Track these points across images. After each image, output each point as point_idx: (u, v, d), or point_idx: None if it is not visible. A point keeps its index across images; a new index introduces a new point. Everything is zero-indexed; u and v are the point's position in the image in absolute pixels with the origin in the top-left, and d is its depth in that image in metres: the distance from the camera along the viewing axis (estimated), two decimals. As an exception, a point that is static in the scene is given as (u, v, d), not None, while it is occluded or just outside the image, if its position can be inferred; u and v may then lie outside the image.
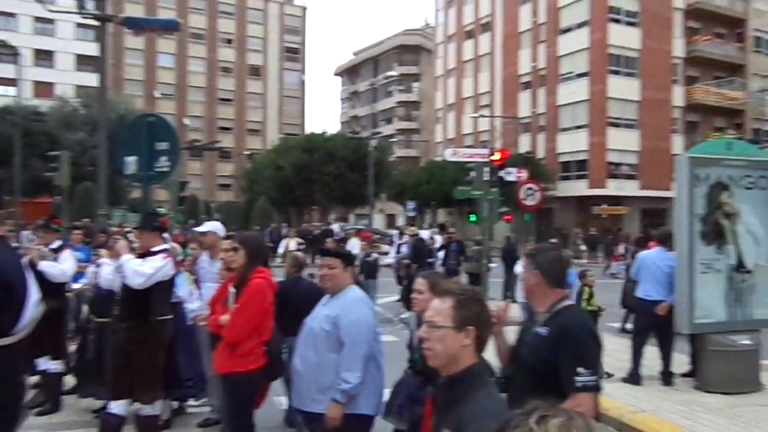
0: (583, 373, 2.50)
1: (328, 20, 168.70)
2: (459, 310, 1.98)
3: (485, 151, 15.54)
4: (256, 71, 62.70)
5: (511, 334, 2.92)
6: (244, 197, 46.95)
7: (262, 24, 62.95)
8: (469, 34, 48.44)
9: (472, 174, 13.12)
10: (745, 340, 6.84)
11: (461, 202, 19.50)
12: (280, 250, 16.03)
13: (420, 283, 3.27)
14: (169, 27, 12.38)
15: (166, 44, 56.67)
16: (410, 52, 64.61)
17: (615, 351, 7.61)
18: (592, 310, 7.64)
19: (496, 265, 15.24)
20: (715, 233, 6.88)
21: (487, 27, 46.42)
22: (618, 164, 37.67)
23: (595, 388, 2.56)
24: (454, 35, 50.29)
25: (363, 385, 3.40)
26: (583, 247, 31.04)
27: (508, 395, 2.52)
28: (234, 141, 59.75)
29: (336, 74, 77.26)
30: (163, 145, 6.57)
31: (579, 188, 37.76)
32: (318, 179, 38.52)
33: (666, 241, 7.34)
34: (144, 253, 4.86)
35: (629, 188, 37.17)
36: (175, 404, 5.79)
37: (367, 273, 12.74)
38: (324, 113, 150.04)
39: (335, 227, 30.79)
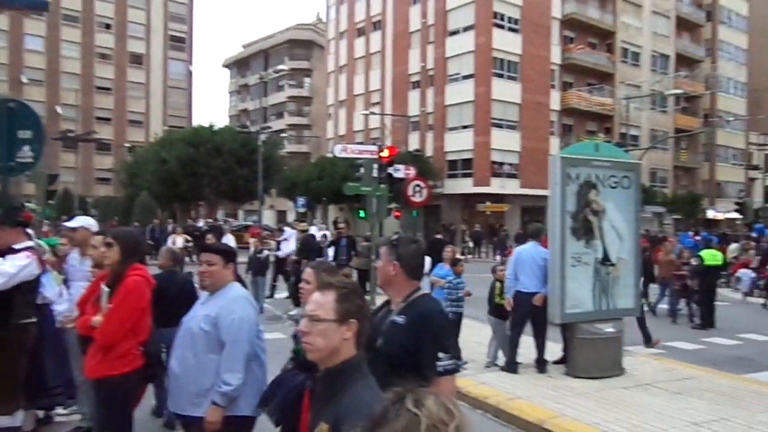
0: (443, 358, 2.64)
1: (217, 10, 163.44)
2: (342, 303, 1.99)
3: (374, 147, 15.63)
4: (138, 59, 59.31)
5: None
6: (124, 192, 44.41)
7: (144, 10, 59.61)
8: (361, 32, 48.78)
9: (362, 170, 13.21)
10: (609, 328, 7.41)
11: (351, 198, 19.57)
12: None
13: (308, 273, 3.22)
14: (37, 7, 11.38)
15: (35, 25, 52.28)
16: (302, 46, 64.03)
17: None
18: (503, 303, 7.91)
19: (384, 261, 15.42)
20: (584, 229, 7.40)
21: (378, 25, 46.95)
22: (501, 163, 39.42)
23: (455, 371, 2.71)
24: (345, 32, 50.42)
25: (245, 386, 3.30)
26: (471, 244, 32.26)
27: None
28: (113, 132, 56.28)
29: (224, 66, 75.07)
30: (25, 134, 6.04)
31: (465, 186, 39.17)
32: (205, 174, 37.13)
33: (537, 236, 7.79)
34: (5, 251, 4.48)
35: (511, 186, 39.02)
36: (41, 413, 5.38)
37: (257, 270, 12.53)
38: (212, 106, 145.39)
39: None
